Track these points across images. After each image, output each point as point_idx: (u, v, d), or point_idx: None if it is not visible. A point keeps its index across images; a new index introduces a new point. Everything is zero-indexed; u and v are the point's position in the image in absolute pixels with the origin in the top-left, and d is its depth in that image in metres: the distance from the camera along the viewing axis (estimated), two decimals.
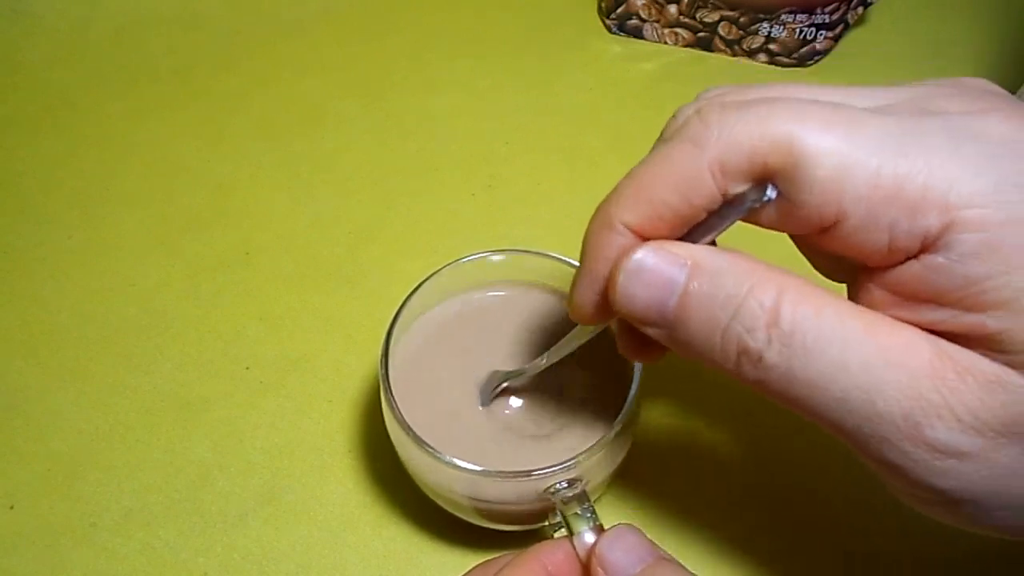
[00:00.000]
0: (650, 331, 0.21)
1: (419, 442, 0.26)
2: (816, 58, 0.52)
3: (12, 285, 0.40)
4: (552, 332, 0.31)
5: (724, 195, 0.20)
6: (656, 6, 0.52)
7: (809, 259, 0.24)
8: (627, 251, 0.20)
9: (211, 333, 0.38)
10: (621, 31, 0.55)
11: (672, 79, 0.52)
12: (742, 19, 0.51)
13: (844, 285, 0.23)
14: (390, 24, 0.55)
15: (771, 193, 0.19)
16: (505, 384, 0.29)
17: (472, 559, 0.31)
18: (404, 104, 0.50)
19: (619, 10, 0.54)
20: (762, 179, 0.19)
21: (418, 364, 0.30)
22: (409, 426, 0.27)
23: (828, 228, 0.19)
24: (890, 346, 0.18)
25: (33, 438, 0.35)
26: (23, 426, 0.35)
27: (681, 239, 0.21)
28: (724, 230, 0.20)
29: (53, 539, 0.32)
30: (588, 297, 0.22)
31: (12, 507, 0.33)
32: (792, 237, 0.24)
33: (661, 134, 0.23)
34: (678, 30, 0.53)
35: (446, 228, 0.43)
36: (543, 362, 0.28)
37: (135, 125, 0.48)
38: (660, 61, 0.53)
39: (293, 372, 0.37)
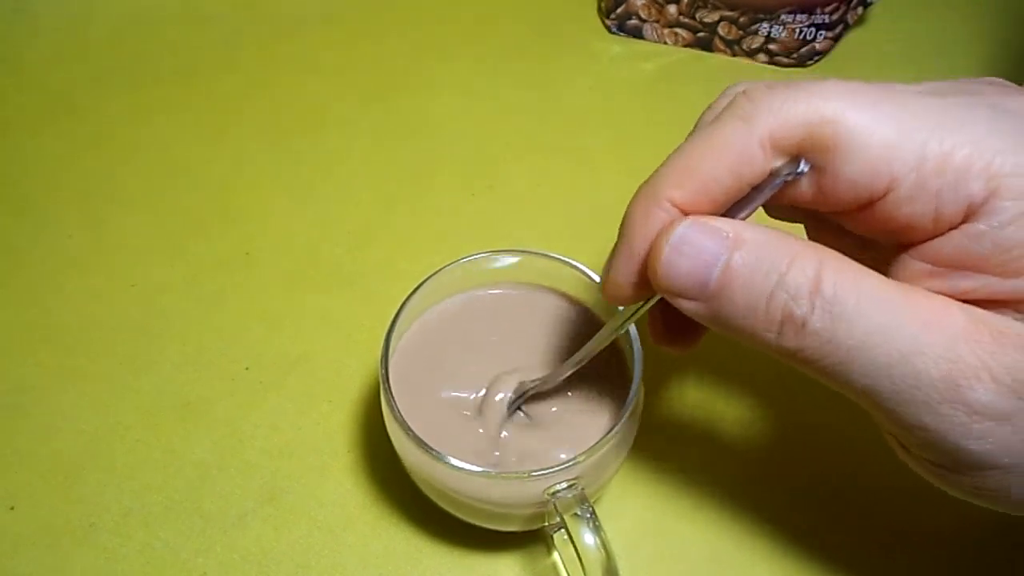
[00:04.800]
0: (688, 306, 0.21)
1: (419, 442, 0.26)
2: (816, 58, 0.52)
3: (12, 285, 0.40)
4: (553, 332, 0.32)
5: (772, 171, 0.20)
6: (656, 6, 0.53)
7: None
8: (669, 226, 0.21)
9: (211, 333, 0.38)
10: (621, 31, 0.55)
11: (672, 79, 0.52)
12: (742, 19, 0.51)
13: None
14: (391, 25, 0.55)
15: (804, 167, 0.20)
16: (532, 391, 0.29)
17: (472, 559, 0.31)
18: (405, 105, 0.50)
19: (619, 10, 0.54)
20: (810, 153, 0.20)
21: (418, 364, 0.30)
22: (409, 426, 0.27)
23: (875, 202, 0.20)
24: (926, 311, 0.19)
25: (33, 438, 0.35)
26: (23, 426, 0.35)
27: (721, 216, 0.21)
28: (758, 207, 0.21)
29: (54, 539, 0.32)
30: (625, 274, 0.23)
31: (13, 508, 0.33)
32: (814, 227, 0.25)
33: (696, 124, 0.24)
34: (678, 30, 0.53)
35: (446, 229, 0.43)
36: (571, 366, 0.27)
37: (136, 125, 0.49)
38: (660, 61, 0.53)
39: (293, 372, 0.37)
